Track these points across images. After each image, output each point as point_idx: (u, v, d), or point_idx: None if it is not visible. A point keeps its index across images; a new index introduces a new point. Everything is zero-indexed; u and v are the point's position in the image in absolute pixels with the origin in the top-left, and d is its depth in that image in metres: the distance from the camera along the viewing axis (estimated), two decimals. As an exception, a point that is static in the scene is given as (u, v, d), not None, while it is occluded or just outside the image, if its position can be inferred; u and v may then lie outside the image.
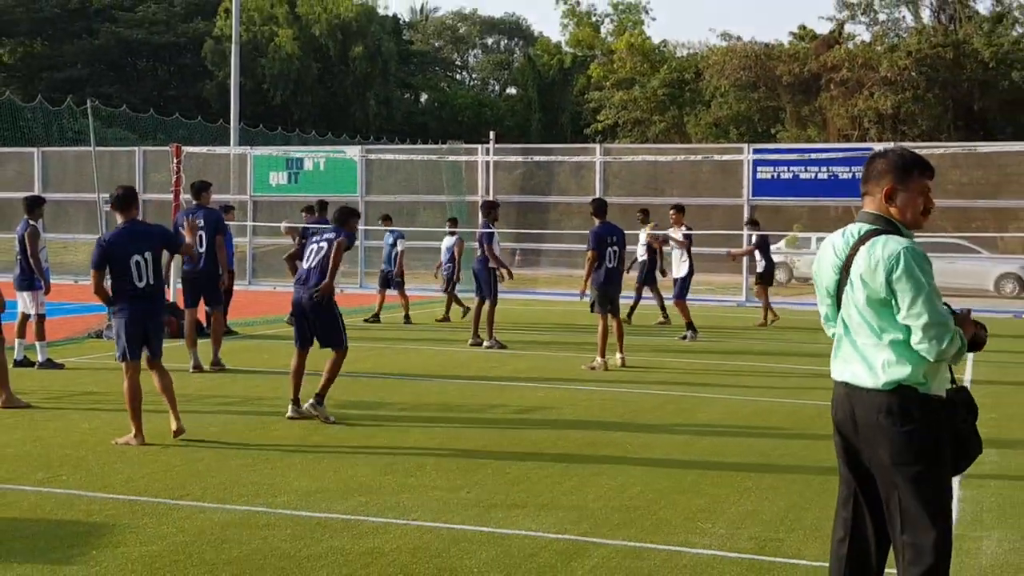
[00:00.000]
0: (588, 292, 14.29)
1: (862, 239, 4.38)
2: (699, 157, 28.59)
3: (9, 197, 32.96)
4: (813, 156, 26.48)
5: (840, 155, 26.67)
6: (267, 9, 63.67)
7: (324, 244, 10.23)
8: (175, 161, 17.82)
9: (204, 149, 27.16)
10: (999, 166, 26.91)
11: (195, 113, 51.53)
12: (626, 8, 68.83)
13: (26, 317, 13.45)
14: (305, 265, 10.26)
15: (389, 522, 6.74)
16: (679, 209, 18.50)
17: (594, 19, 70.90)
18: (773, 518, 6.94)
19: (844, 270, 4.42)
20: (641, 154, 31.32)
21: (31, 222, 13.33)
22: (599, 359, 13.72)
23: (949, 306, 4.31)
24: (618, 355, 14.09)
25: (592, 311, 14.23)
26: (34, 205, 13.60)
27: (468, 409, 10.82)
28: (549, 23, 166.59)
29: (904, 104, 40.35)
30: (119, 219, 9.44)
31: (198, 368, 13.43)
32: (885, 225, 4.40)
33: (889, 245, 4.28)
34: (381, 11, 71.98)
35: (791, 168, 26.11)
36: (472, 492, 7.50)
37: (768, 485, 7.80)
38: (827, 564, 5.99)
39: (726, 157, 27.89)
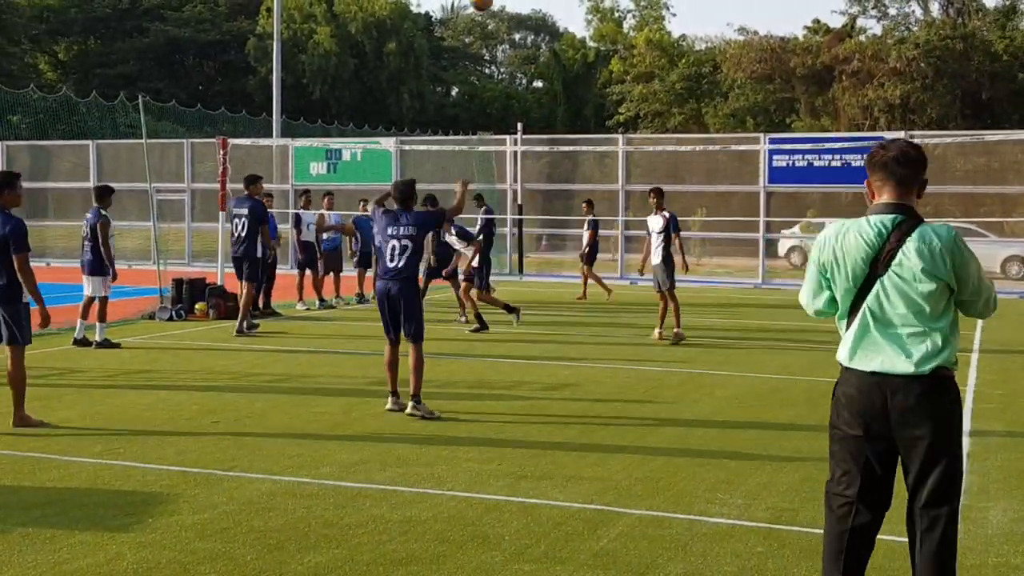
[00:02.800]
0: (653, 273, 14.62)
1: (900, 230, 4.23)
2: (717, 147, 28.45)
3: (67, 187, 33.29)
4: (826, 145, 26.28)
5: (852, 144, 26.46)
6: (306, 8, 63.79)
7: (408, 240, 9.48)
8: (222, 153, 17.87)
9: (248, 141, 27.21)
10: (1005, 154, 26.69)
11: (239, 107, 51.69)
12: (647, 4, 68.43)
13: (91, 300, 13.57)
14: (391, 264, 9.46)
15: (425, 492, 6.79)
16: (657, 193, 15.12)
17: (617, 15, 70.69)
18: (788, 489, 6.94)
19: (877, 262, 4.24)
20: (662, 144, 31.22)
21: (102, 211, 13.57)
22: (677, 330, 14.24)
23: None
24: (656, 331, 14.43)
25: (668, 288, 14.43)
26: (104, 194, 13.88)
27: (497, 386, 10.85)
28: (574, 19, 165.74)
29: (913, 94, 39.98)
30: None
31: (240, 332, 14.59)
32: (911, 214, 4.27)
33: (942, 233, 4.19)
34: (414, 9, 72.01)
35: (805, 156, 25.95)
36: (502, 464, 7.53)
37: (784, 458, 7.80)
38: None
39: (743, 147, 27.71)
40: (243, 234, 15.02)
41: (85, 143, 33.22)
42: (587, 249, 20.86)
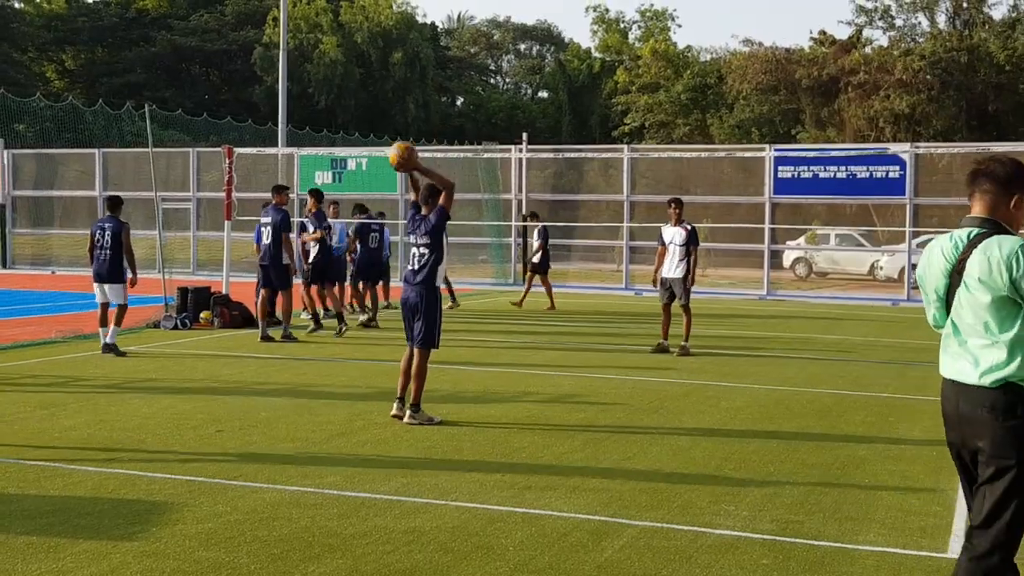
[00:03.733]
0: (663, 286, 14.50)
1: (973, 242, 4.33)
2: (722, 154, 28.49)
3: (73, 195, 33.33)
4: (832, 155, 26.30)
5: (857, 154, 26.48)
6: (312, 17, 63.98)
7: (426, 249, 9.51)
8: (227, 162, 17.89)
9: (254, 150, 27.30)
10: (1012, 165, 26.71)
11: (245, 116, 51.85)
12: (653, 15, 68.57)
13: (107, 307, 13.66)
14: (411, 266, 9.58)
15: (429, 502, 6.77)
16: (678, 203, 14.67)
17: (622, 25, 70.76)
18: (793, 502, 6.92)
19: (955, 273, 4.35)
20: (667, 152, 31.25)
21: (122, 220, 13.82)
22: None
23: None
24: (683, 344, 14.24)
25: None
26: (118, 204, 14.14)
27: (502, 396, 10.80)
28: (579, 29, 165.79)
29: (919, 105, 40.04)
30: None
31: (267, 338, 14.91)
32: (993, 228, 4.33)
33: (1005, 245, 4.23)
34: (420, 19, 72.18)
35: (811, 167, 25.94)
36: (507, 474, 7.51)
37: (788, 470, 7.77)
38: (844, 545, 6.02)
39: (748, 155, 27.77)
40: (267, 242, 15.20)
41: (91, 151, 33.27)
42: (536, 257, 20.84)
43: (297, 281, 16.30)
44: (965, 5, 43.76)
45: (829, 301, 24.69)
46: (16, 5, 66.94)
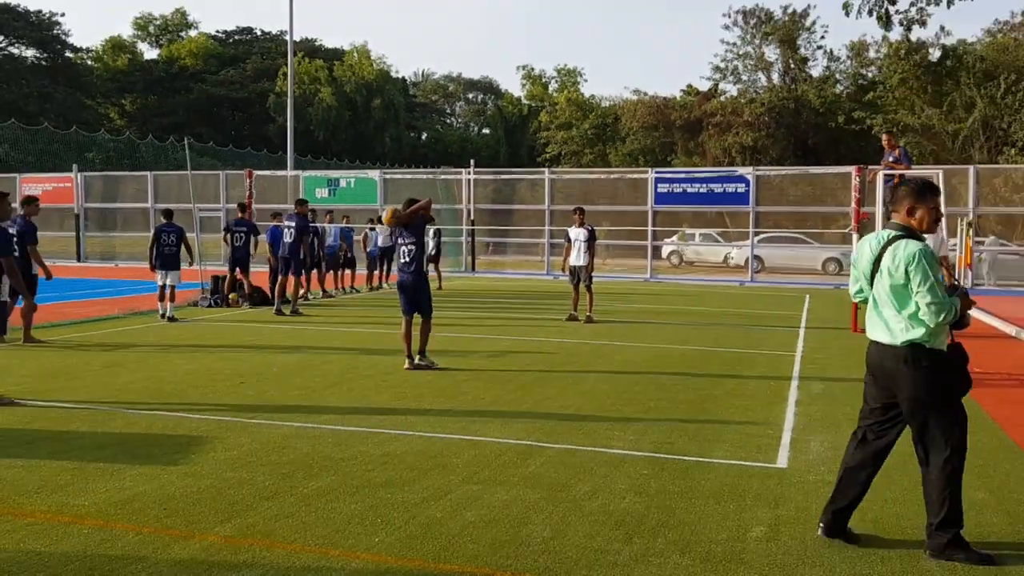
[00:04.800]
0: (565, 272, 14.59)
1: (889, 242, 4.44)
2: (617, 176, 28.65)
3: (131, 207, 32.67)
4: (697, 176, 26.52)
5: (715, 175, 26.73)
6: (312, 73, 63.09)
7: (412, 246, 9.74)
8: (248, 181, 17.60)
9: (268, 172, 26.88)
10: (824, 183, 27.17)
11: (262, 147, 50.96)
12: (566, 72, 68.62)
13: (165, 288, 13.82)
14: (403, 259, 9.76)
15: (401, 433, 6.74)
16: (580, 211, 14.76)
17: (544, 80, 70.67)
18: (667, 428, 6.99)
19: (876, 262, 4.47)
20: (578, 174, 31.31)
21: (176, 223, 14.22)
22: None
23: (957, 285, 4.47)
24: (571, 313, 14.38)
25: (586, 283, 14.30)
26: (171, 213, 14.50)
27: (453, 353, 10.70)
28: (512, 83, 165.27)
29: (760, 140, 40.50)
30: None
31: (280, 312, 14.68)
32: (906, 232, 4.45)
33: (909, 247, 4.35)
34: (394, 74, 71.36)
35: (681, 184, 26.14)
36: (458, 412, 7.49)
37: (664, 406, 7.84)
38: (703, 459, 6.08)
39: (636, 176, 27.89)
40: (289, 240, 15.01)
41: (144, 174, 32.67)
42: (434, 251, 20.15)
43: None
44: (792, 66, 44.31)
45: (695, 282, 24.94)
46: (88, 63, 65.27)
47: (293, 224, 15.14)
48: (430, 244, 20.70)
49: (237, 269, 16.08)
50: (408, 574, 4.14)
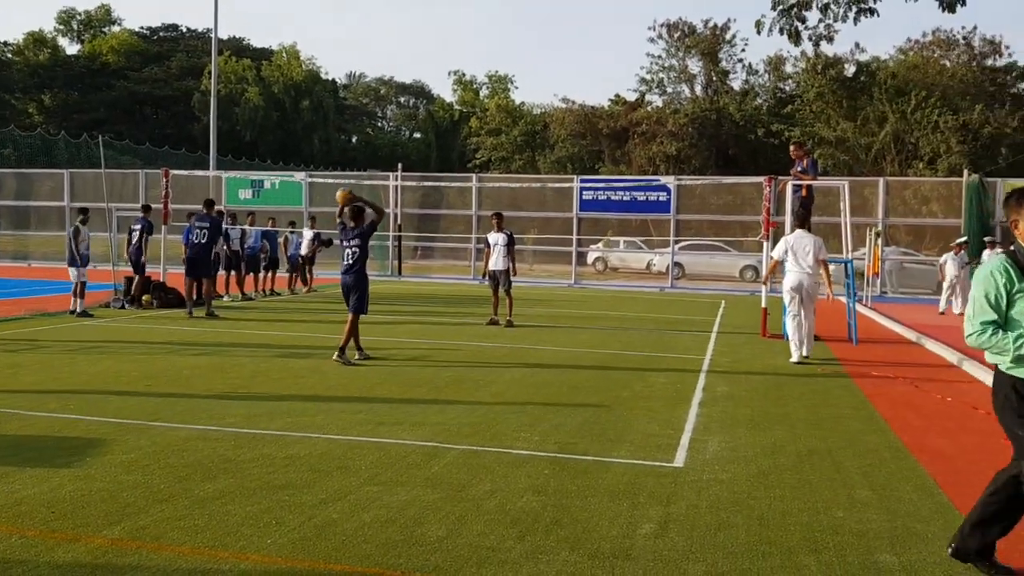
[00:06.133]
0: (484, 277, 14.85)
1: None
2: (538, 184, 28.86)
3: (46, 205, 31.59)
4: (619, 184, 26.91)
5: (637, 184, 27.16)
6: (240, 72, 61.96)
7: (356, 249, 10.27)
8: (164, 181, 17.20)
9: (186, 172, 26.23)
10: (744, 193, 27.83)
11: (189, 147, 49.88)
12: (497, 79, 68.85)
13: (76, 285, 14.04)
14: (347, 261, 10.27)
15: (306, 436, 6.67)
16: (499, 216, 14.81)
17: (475, 86, 70.78)
18: (572, 429, 7.07)
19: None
20: (503, 182, 31.45)
21: (78, 224, 14.42)
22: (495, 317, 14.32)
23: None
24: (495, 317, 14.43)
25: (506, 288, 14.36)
26: (83, 212, 14.78)
27: (373, 356, 10.69)
28: (444, 88, 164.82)
29: (683, 149, 41.27)
30: None
31: (192, 315, 14.50)
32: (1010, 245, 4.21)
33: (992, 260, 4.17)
34: (324, 76, 70.51)
35: (606, 192, 26.49)
36: (366, 415, 7.46)
37: (572, 408, 7.93)
38: (603, 459, 6.17)
39: (562, 185, 28.13)
40: (203, 241, 14.69)
41: (60, 171, 31.66)
42: (311, 254, 20.17)
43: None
44: (714, 79, 45.32)
45: (618, 288, 25.28)
46: (8, 56, 62.95)
47: (207, 225, 14.86)
48: (304, 244, 20.28)
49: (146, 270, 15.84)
50: (297, 575, 4.12)
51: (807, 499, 5.41)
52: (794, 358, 11.04)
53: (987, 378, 9.93)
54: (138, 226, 16.08)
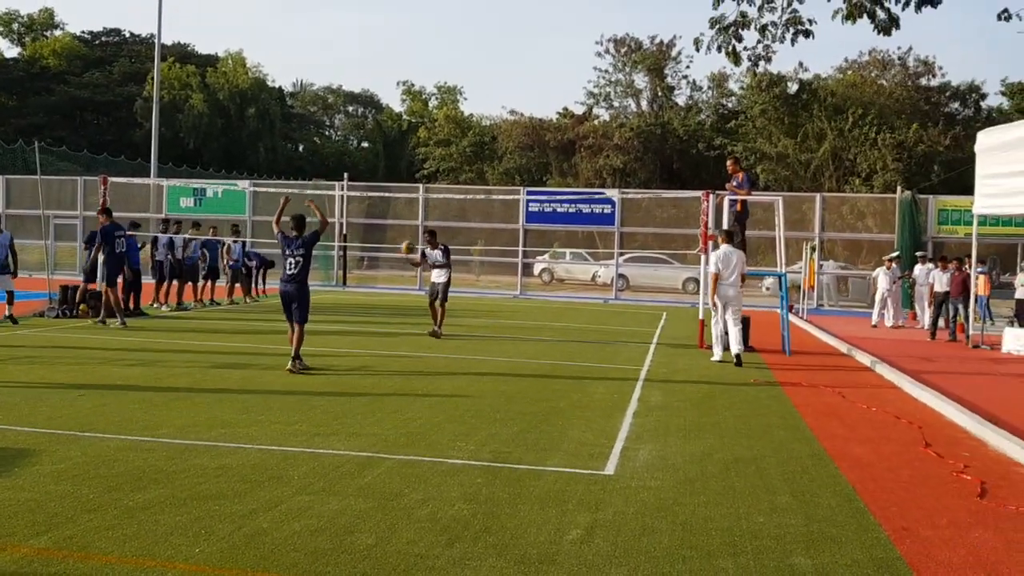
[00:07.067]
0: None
1: None
2: (481, 196, 29.05)
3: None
4: (564, 196, 27.20)
5: (582, 196, 27.48)
6: (184, 79, 61.06)
7: (300, 258, 10.45)
8: (102, 188, 16.95)
9: (125, 180, 25.94)
10: (688, 206, 28.31)
11: (131, 154, 49.00)
12: (446, 89, 68.97)
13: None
14: (289, 270, 10.43)
15: (240, 446, 6.67)
16: (432, 233, 14.79)
17: (424, 96, 70.78)
18: (507, 439, 7.18)
19: None
20: (450, 193, 31.55)
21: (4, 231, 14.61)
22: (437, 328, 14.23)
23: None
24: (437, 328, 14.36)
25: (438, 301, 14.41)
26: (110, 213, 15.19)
27: (311, 367, 10.68)
28: (393, 97, 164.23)
29: (629, 163, 41.84)
30: None
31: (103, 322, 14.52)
32: None
33: None
34: (270, 83, 69.81)
35: (552, 204, 26.75)
36: (303, 425, 7.47)
37: (508, 417, 8.04)
38: (536, 467, 6.28)
39: (508, 197, 28.33)
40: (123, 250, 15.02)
41: (-5, 177, 30.93)
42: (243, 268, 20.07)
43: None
44: (659, 94, 46.08)
45: (563, 299, 25.52)
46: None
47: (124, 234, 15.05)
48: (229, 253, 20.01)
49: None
50: (224, 583, 4.15)
51: (730, 505, 5.59)
52: (715, 357, 12.31)
53: (910, 388, 10.31)
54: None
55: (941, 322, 17.02)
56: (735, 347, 11.93)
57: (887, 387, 10.78)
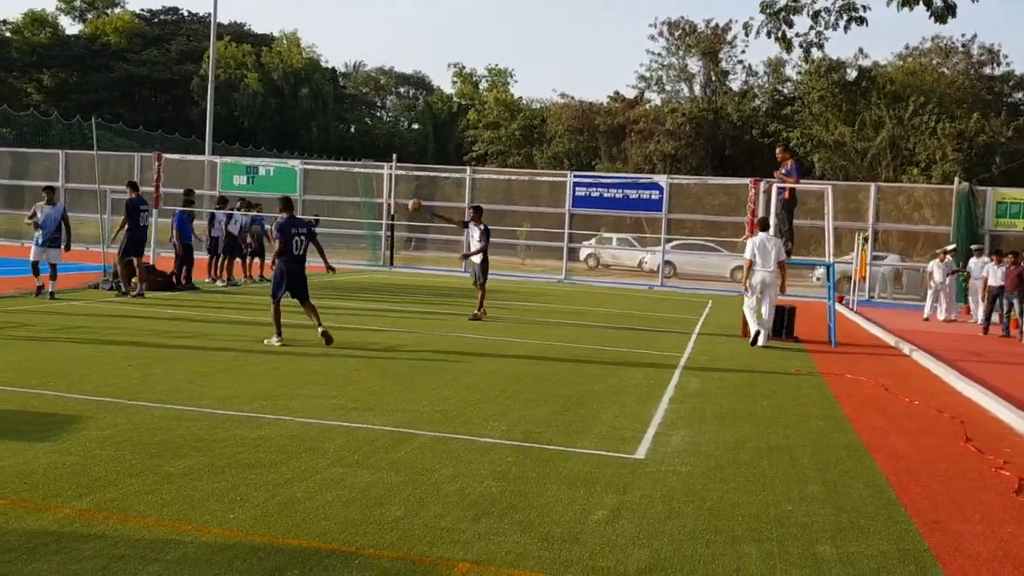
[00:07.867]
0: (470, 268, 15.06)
1: None
2: (528, 178, 29.05)
3: (42, 185, 31.86)
4: (611, 181, 27.09)
5: (629, 181, 27.34)
6: (239, 58, 61.96)
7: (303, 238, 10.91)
8: (157, 164, 17.36)
9: (178, 156, 26.47)
10: (740, 194, 27.99)
11: (187, 132, 49.93)
12: (497, 72, 68.89)
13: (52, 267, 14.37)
14: (295, 252, 10.78)
15: (279, 418, 6.84)
16: (477, 210, 14.71)
17: (474, 79, 70.80)
18: (540, 420, 7.24)
19: None
20: (496, 175, 31.62)
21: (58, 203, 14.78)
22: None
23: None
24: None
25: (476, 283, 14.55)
26: (52, 190, 15.03)
27: (350, 346, 10.83)
28: (444, 79, 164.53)
29: (680, 149, 41.44)
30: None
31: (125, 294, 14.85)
32: None
33: None
34: (323, 64, 70.50)
35: (599, 189, 26.67)
36: (341, 400, 7.62)
37: (542, 399, 8.09)
38: (566, 449, 6.35)
39: (555, 180, 28.31)
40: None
41: (56, 152, 31.88)
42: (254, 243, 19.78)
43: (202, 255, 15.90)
44: (713, 79, 45.46)
45: (608, 285, 25.47)
46: (6, 34, 62.91)
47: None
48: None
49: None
50: (255, 548, 4.29)
51: (759, 492, 5.59)
52: (759, 342, 12.56)
53: (955, 382, 10.14)
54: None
55: (995, 317, 16.64)
56: (759, 329, 12.38)
57: (932, 380, 10.61)
